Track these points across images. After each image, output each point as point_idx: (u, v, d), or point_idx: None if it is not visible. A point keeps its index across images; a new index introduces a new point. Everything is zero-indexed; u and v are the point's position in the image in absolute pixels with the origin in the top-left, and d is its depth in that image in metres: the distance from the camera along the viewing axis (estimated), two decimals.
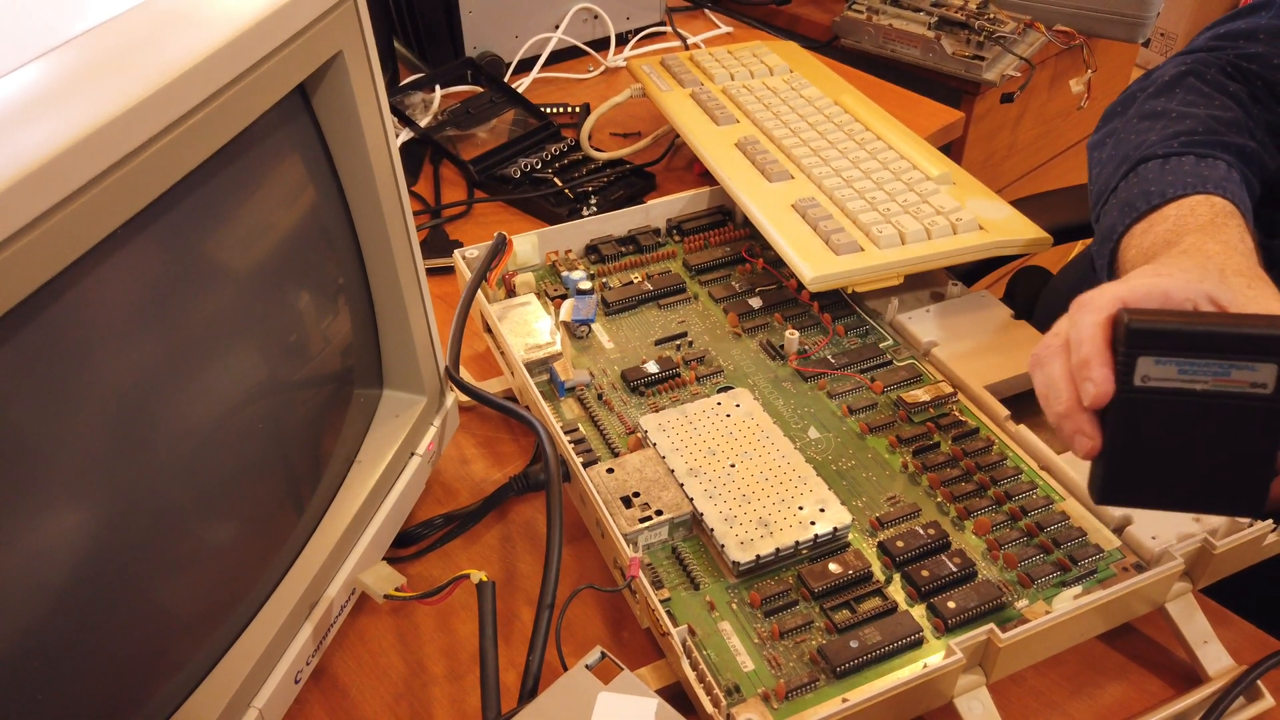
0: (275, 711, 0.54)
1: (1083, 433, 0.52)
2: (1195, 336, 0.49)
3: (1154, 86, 0.84)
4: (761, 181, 0.85)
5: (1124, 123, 0.82)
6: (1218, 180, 0.70)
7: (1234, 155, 0.75)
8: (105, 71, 0.39)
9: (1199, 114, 0.78)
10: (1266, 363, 0.48)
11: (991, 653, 0.54)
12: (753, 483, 0.63)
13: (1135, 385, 0.49)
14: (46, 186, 0.34)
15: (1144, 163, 0.75)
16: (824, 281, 0.75)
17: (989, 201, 0.82)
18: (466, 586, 0.56)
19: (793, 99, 0.98)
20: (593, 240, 0.86)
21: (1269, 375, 0.48)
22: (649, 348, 0.77)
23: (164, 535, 0.47)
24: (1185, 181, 0.70)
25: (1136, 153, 0.76)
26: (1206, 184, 0.70)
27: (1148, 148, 0.76)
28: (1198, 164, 0.72)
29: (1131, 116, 0.82)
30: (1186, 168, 0.72)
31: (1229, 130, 0.76)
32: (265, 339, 0.52)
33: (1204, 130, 0.76)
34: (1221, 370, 0.49)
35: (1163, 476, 0.51)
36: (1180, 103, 0.80)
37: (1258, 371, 0.48)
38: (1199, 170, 0.72)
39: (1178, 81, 0.83)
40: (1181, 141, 0.75)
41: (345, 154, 0.54)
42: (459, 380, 0.67)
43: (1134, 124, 0.81)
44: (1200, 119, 0.77)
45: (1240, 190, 0.71)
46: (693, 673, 0.52)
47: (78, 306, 0.39)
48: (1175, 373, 0.49)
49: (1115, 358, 0.50)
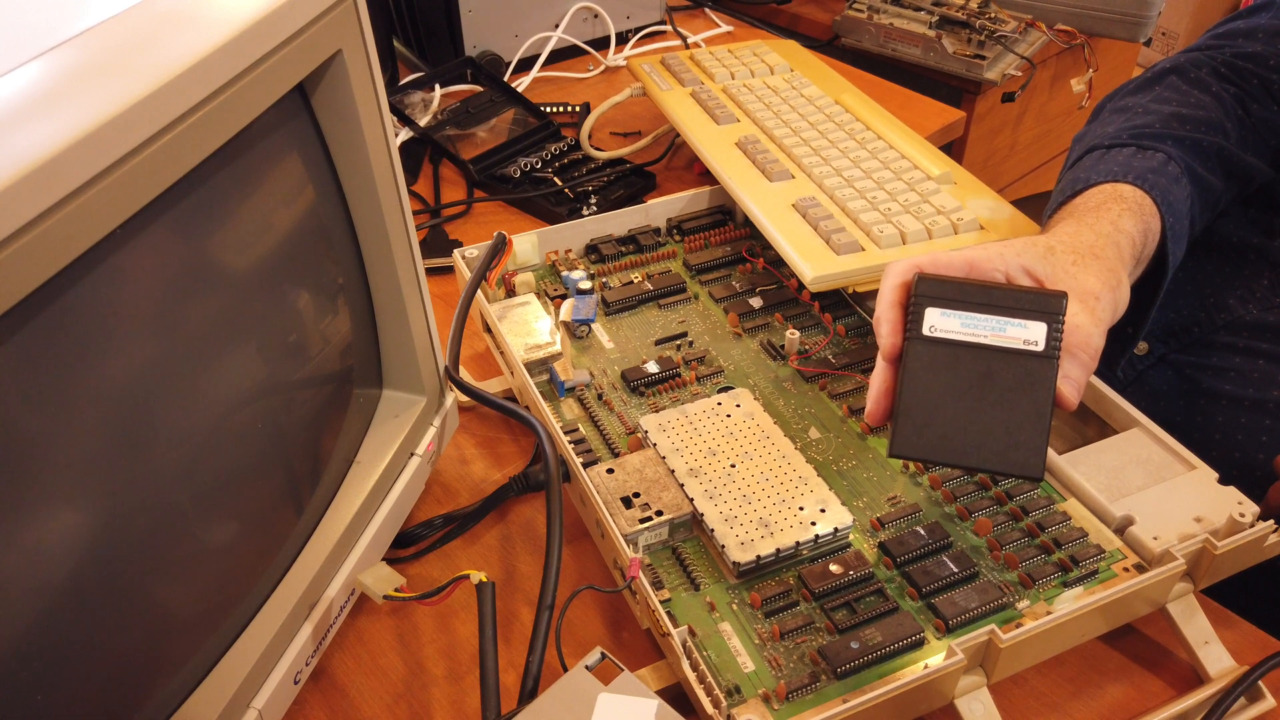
0: (275, 712, 0.53)
1: (874, 390, 0.57)
2: (974, 291, 0.55)
3: (1136, 82, 0.85)
4: (762, 181, 0.85)
5: (1100, 116, 0.83)
6: (1143, 170, 0.71)
7: (1187, 149, 0.75)
8: (105, 71, 0.39)
9: (1163, 110, 0.78)
10: (1036, 321, 0.54)
11: (993, 653, 0.54)
12: (753, 483, 0.63)
13: (923, 334, 0.55)
14: (46, 186, 0.34)
15: (1090, 153, 0.76)
16: (824, 281, 0.75)
17: (990, 201, 0.82)
18: (466, 587, 0.56)
19: (793, 98, 0.98)
20: (593, 240, 0.86)
21: (1039, 333, 0.54)
22: (649, 348, 0.77)
23: (163, 535, 0.47)
24: (1110, 170, 0.72)
25: (1088, 144, 0.77)
26: (1128, 174, 0.71)
27: (1098, 139, 0.77)
28: (1134, 155, 0.73)
29: (1106, 111, 0.83)
30: (1120, 158, 0.73)
31: (1194, 127, 0.77)
32: (265, 339, 0.52)
33: (1160, 125, 0.77)
34: (999, 326, 0.54)
35: (950, 431, 0.54)
36: (1153, 99, 0.81)
37: (1028, 329, 0.54)
38: (1131, 161, 0.72)
39: (1159, 79, 0.83)
40: (1130, 134, 0.76)
41: (345, 153, 0.54)
42: (459, 380, 0.67)
43: (1104, 117, 0.82)
44: (1161, 115, 0.78)
45: (1173, 183, 0.72)
46: (693, 674, 0.52)
47: (77, 306, 0.39)
48: (959, 325, 0.55)
49: (907, 313, 0.56)
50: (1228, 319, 0.81)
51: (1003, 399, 0.54)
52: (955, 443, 0.54)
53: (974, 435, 0.54)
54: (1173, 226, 0.69)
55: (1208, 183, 0.76)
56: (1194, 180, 0.74)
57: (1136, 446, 0.65)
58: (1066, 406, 0.56)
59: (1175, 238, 0.70)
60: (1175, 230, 0.70)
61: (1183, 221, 0.71)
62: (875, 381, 0.57)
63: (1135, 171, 0.71)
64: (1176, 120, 0.77)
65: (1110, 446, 0.65)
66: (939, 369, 0.55)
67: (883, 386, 0.57)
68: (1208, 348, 0.82)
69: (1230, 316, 0.81)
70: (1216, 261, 0.84)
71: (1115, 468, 0.64)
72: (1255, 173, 0.79)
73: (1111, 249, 0.64)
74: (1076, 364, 0.57)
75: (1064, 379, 0.56)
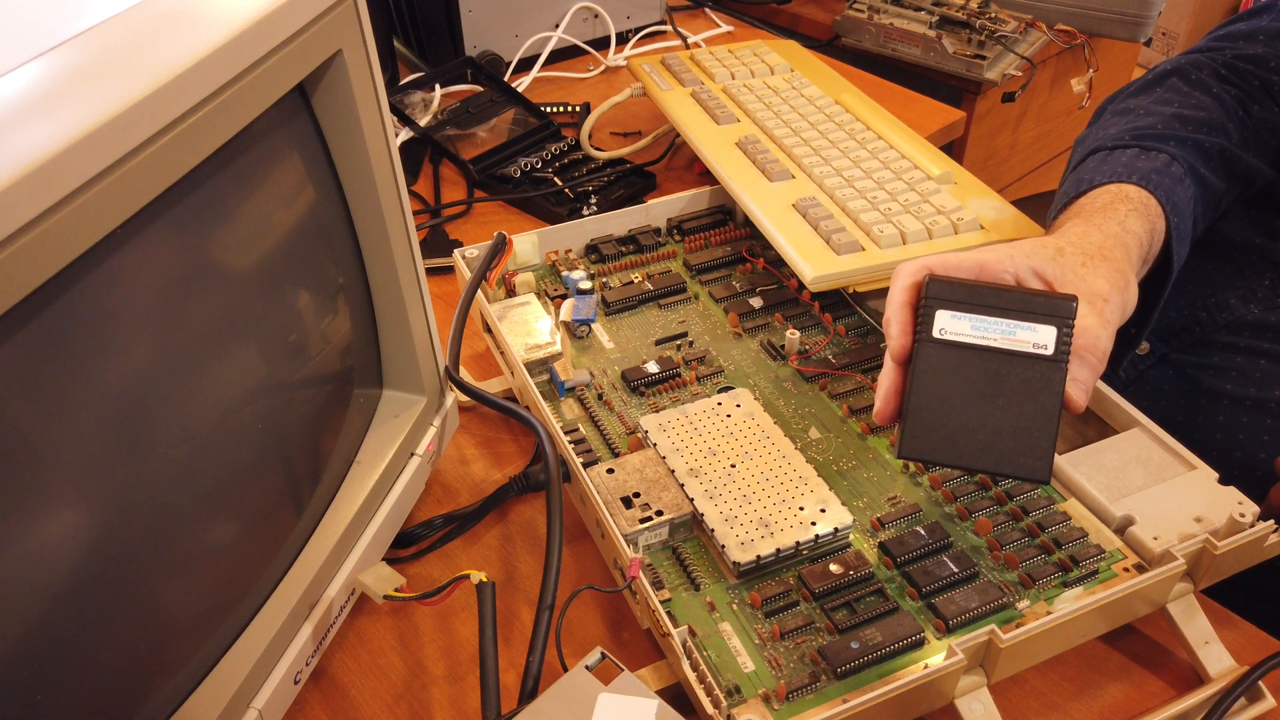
0: (275, 712, 0.53)
1: (883, 390, 0.57)
2: (985, 294, 0.55)
3: (1137, 84, 0.85)
4: (762, 181, 0.85)
5: (1101, 119, 0.83)
6: (1147, 171, 0.71)
7: (1189, 150, 0.75)
8: (105, 71, 0.39)
9: (1165, 112, 0.78)
10: (1045, 324, 0.54)
11: (993, 653, 0.54)
12: (753, 483, 0.63)
13: (933, 336, 0.55)
14: (46, 185, 0.34)
15: (1093, 154, 0.76)
16: (825, 281, 0.75)
17: (990, 201, 0.82)
18: (466, 587, 0.56)
19: (793, 98, 0.98)
20: (593, 240, 0.86)
21: (1048, 337, 0.54)
22: (649, 348, 0.77)
23: (163, 535, 0.47)
24: (1115, 172, 0.72)
25: (1090, 145, 0.77)
26: (1133, 175, 0.71)
27: (1101, 140, 0.77)
28: (1137, 156, 0.73)
29: (1107, 113, 0.83)
30: (1124, 159, 0.73)
31: (1196, 128, 0.77)
32: (265, 339, 0.52)
33: (1162, 126, 0.77)
34: (1009, 329, 0.55)
35: (958, 433, 0.54)
36: (1155, 100, 0.81)
37: (1038, 333, 0.54)
38: (1134, 162, 0.73)
39: (1160, 80, 0.83)
40: (1133, 135, 0.76)
41: (345, 153, 0.54)
42: (459, 380, 0.67)
43: (1106, 119, 0.82)
44: (1163, 116, 0.78)
45: (1177, 183, 0.72)
46: (693, 674, 0.52)
47: (77, 306, 0.39)
48: (969, 328, 0.55)
49: (917, 315, 0.56)
50: (1229, 319, 0.81)
51: (1011, 402, 0.54)
52: (963, 445, 0.54)
53: (982, 438, 0.54)
54: (1177, 227, 0.69)
55: (1210, 183, 0.76)
56: (1197, 181, 0.74)
57: (1137, 446, 0.65)
58: (1074, 410, 0.56)
59: (1180, 238, 0.70)
60: (1180, 230, 0.70)
61: (1187, 222, 0.71)
62: (884, 382, 0.57)
63: (1140, 172, 0.71)
64: (1178, 121, 0.77)
65: (1110, 446, 0.65)
66: (948, 371, 0.55)
67: (891, 387, 0.57)
68: (1209, 347, 0.82)
69: (1232, 316, 0.81)
70: (1218, 261, 0.84)
71: (1115, 468, 0.64)
72: (1257, 173, 0.79)
73: (1120, 250, 0.64)
74: (1085, 366, 0.57)
75: (1072, 381, 0.56)
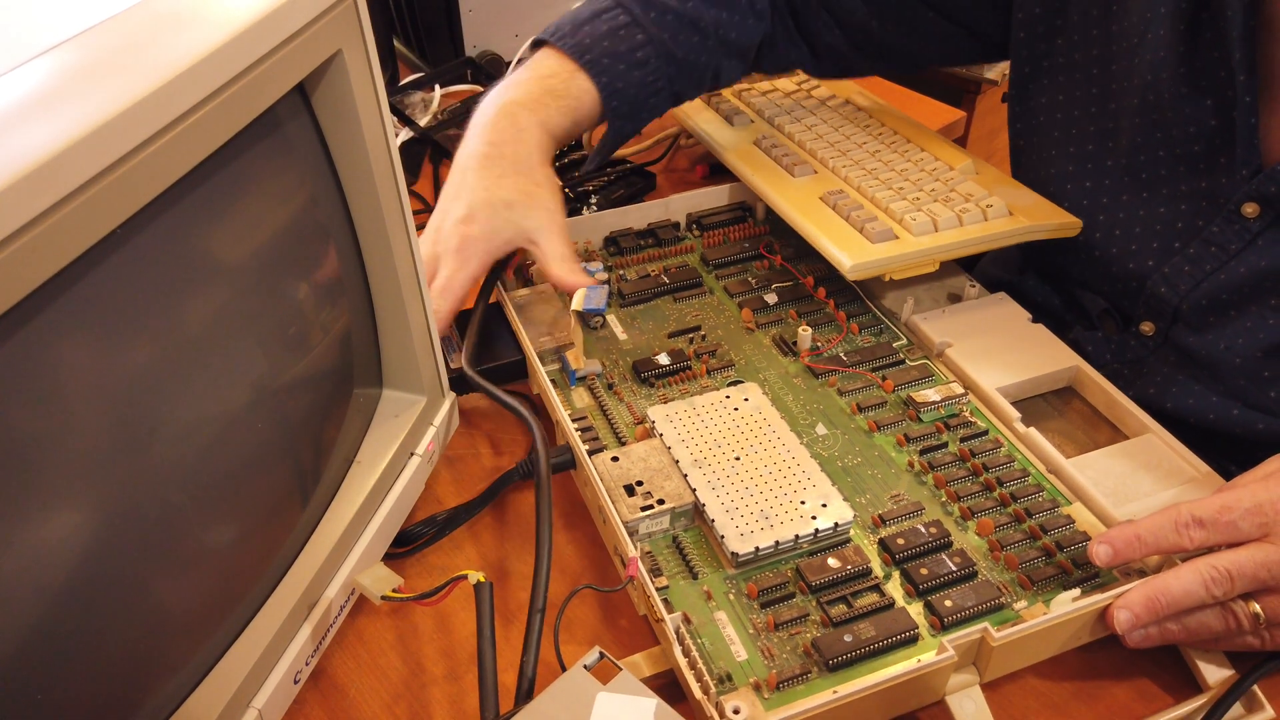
0: (274, 712, 0.53)
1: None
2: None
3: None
4: (785, 177, 0.85)
5: None
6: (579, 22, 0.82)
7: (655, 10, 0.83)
8: (105, 70, 0.39)
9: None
10: None
11: (985, 652, 0.54)
12: (756, 476, 0.63)
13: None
14: (46, 185, 0.34)
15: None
16: (863, 269, 0.74)
17: (1015, 189, 0.82)
18: (464, 587, 0.56)
19: (803, 99, 0.99)
20: (612, 232, 0.87)
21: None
22: (662, 340, 0.77)
23: (162, 535, 0.47)
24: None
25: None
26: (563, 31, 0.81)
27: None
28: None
29: None
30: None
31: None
32: (264, 339, 0.52)
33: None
34: None
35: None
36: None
37: None
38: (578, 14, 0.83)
39: None
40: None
41: (345, 153, 0.54)
42: (473, 378, 0.69)
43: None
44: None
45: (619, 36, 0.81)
46: (684, 659, 0.52)
47: (77, 306, 0.39)
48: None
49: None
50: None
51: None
52: None
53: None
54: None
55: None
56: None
57: (1147, 452, 0.65)
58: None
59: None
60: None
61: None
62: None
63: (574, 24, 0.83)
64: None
65: (1120, 452, 0.65)
66: None
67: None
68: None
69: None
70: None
71: (1124, 473, 0.64)
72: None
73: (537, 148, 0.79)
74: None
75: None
